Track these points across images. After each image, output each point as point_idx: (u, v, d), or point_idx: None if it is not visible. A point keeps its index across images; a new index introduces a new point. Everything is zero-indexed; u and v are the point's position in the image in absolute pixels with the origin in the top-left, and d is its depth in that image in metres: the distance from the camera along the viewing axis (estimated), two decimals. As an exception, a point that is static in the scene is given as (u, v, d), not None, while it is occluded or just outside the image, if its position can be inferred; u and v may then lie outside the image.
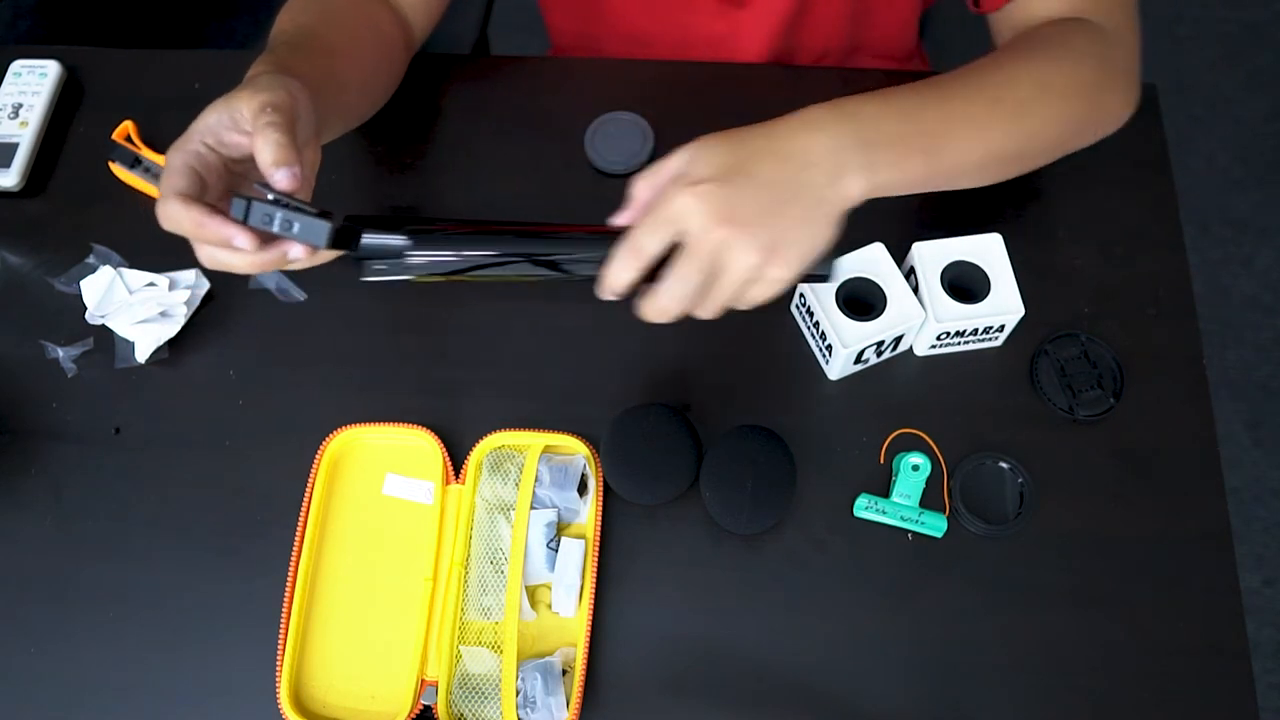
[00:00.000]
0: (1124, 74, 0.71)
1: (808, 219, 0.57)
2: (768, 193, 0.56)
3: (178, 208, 0.55)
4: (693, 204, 0.54)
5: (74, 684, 0.67)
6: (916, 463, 0.69)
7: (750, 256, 0.55)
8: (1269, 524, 1.51)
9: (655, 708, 0.65)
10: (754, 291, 0.57)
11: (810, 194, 0.57)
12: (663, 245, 0.56)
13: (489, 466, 0.70)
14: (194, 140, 0.57)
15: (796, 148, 0.58)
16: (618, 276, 0.57)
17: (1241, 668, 0.64)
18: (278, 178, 0.54)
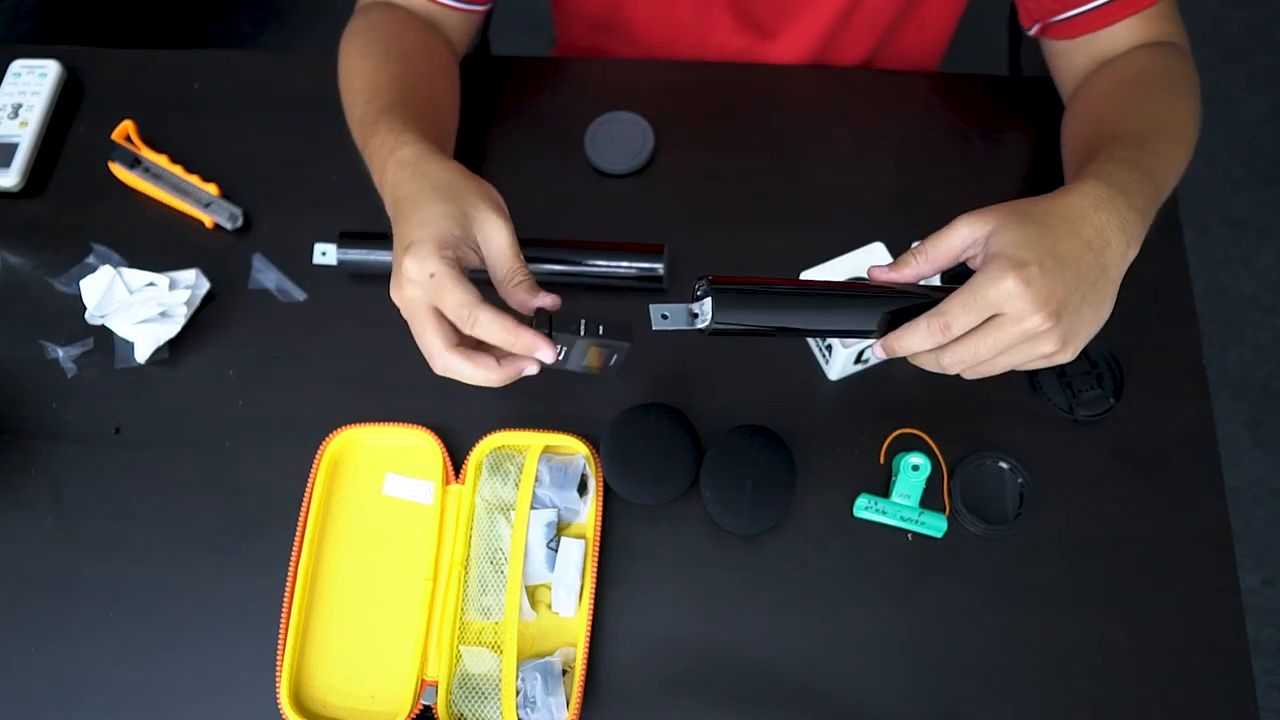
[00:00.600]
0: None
1: (1101, 305, 0.58)
2: (1078, 281, 0.56)
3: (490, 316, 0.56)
4: (1019, 288, 0.54)
5: (74, 684, 0.67)
6: (916, 463, 0.69)
7: (1050, 345, 0.56)
8: (1269, 524, 1.51)
9: (655, 708, 0.65)
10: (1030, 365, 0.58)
11: (1108, 276, 0.58)
12: (973, 324, 0.55)
13: (489, 466, 0.70)
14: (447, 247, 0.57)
15: (1093, 230, 0.57)
16: (915, 344, 0.56)
17: (1241, 668, 0.64)
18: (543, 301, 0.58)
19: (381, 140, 0.65)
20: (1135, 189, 0.60)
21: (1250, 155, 1.77)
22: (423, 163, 0.62)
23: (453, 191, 0.59)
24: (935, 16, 0.91)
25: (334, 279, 0.79)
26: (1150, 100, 0.70)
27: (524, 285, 0.58)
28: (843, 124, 0.84)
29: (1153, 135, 0.66)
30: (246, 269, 0.79)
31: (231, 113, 0.87)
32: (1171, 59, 0.74)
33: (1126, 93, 0.72)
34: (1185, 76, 0.73)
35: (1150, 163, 0.63)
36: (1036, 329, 0.55)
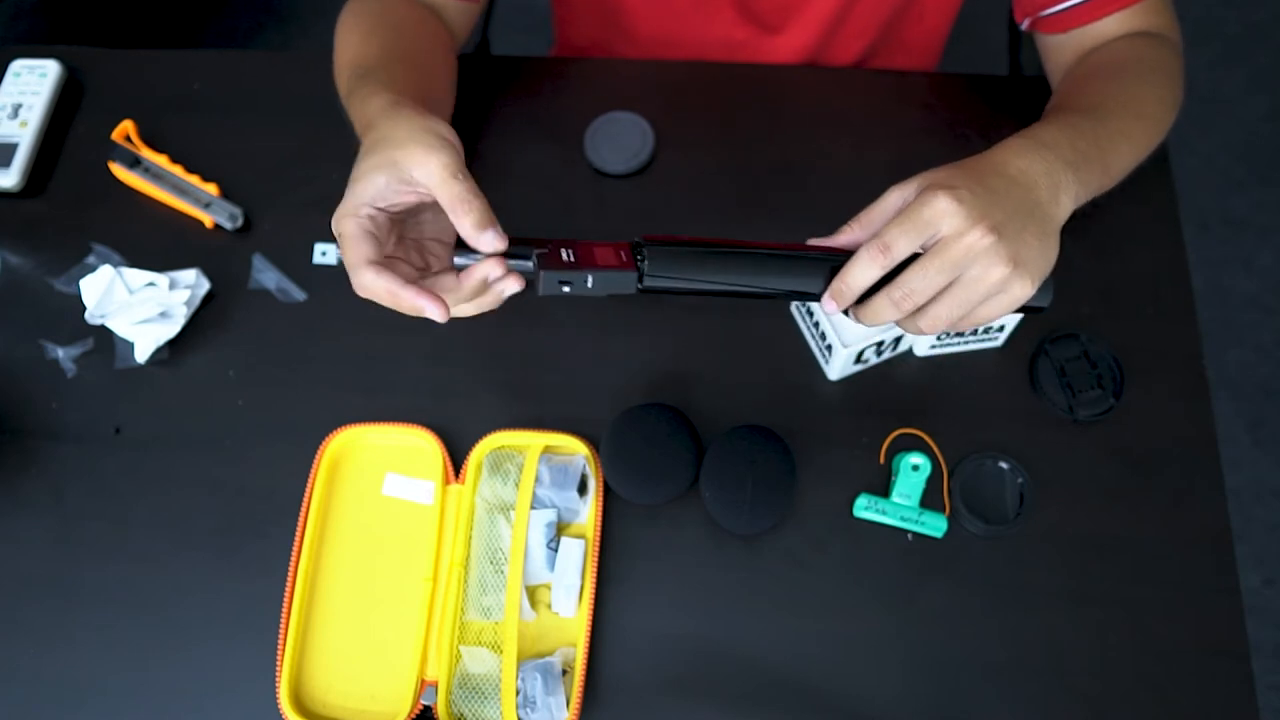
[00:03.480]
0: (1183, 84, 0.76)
1: (1044, 235, 0.58)
2: (1011, 205, 0.56)
3: (371, 276, 0.55)
4: (953, 205, 0.54)
5: (74, 684, 0.67)
6: (916, 463, 0.69)
7: (1001, 267, 0.55)
8: (1269, 524, 1.51)
9: (655, 708, 0.65)
10: (989, 307, 0.56)
11: (1042, 211, 0.58)
12: (914, 247, 0.55)
13: (489, 466, 0.70)
14: (363, 206, 0.56)
15: (1018, 170, 0.58)
16: (862, 277, 0.56)
17: (1241, 668, 0.64)
18: (483, 241, 0.55)
19: (358, 102, 0.65)
20: (1064, 144, 0.61)
21: (1250, 155, 1.77)
22: (382, 112, 0.60)
23: (393, 138, 0.56)
24: (934, 9, 0.91)
25: (334, 279, 0.79)
26: (1111, 81, 0.71)
27: (471, 216, 0.54)
28: (843, 124, 0.84)
29: (1100, 106, 0.67)
30: (246, 269, 0.79)
31: (231, 113, 0.87)
32: (1150, 47, 0.74)
33: (1090, 75, 0.73)
34: (1158, 62, 0.73)
35: (1091, 127, 0.64)
36: (979, 244, 0.54)
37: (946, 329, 0.57)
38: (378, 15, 0.75)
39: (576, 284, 0.55)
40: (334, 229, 0.57)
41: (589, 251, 0.56)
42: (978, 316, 0.57)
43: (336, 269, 0.78)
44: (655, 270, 0.55)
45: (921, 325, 0.57)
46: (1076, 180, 0.60)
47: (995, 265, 0.54)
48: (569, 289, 0.55)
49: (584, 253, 0.56)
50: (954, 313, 0.56)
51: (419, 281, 0.57)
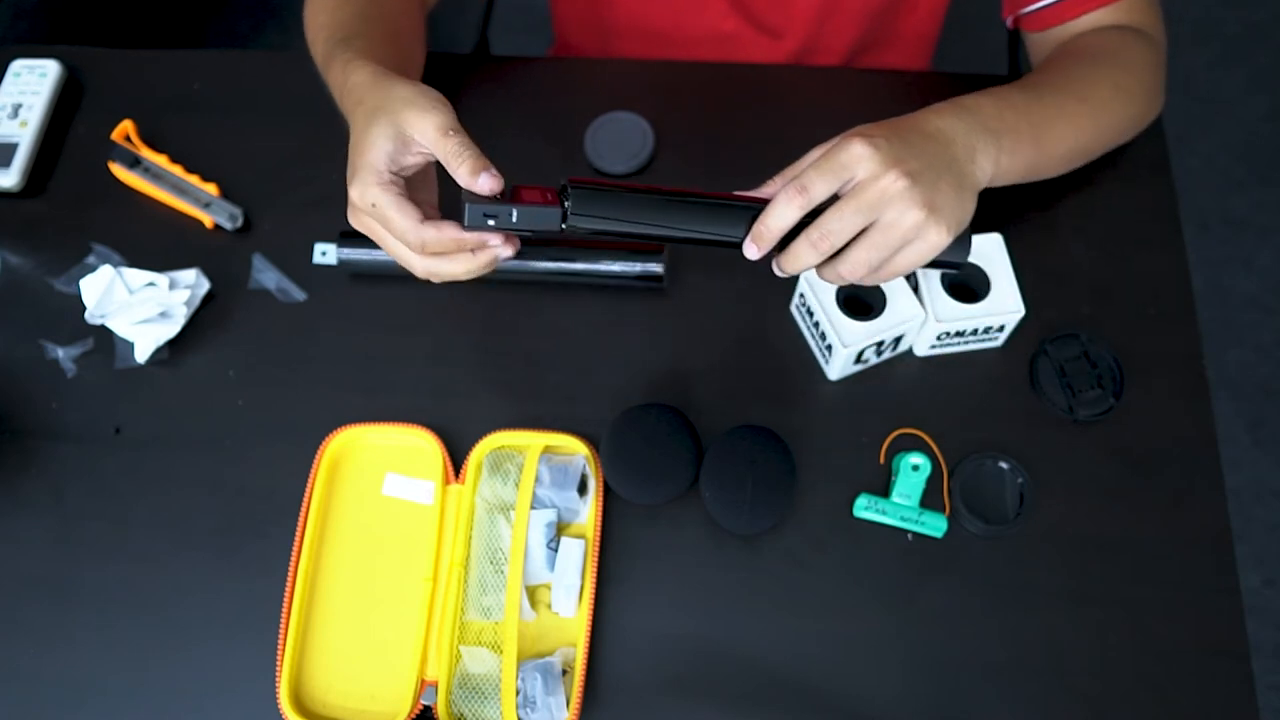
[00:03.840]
0: (1162, 81, 0.77)
1: (959, 186, 0.59)
2: (926, 156, 0.58)
3: (433, 233, 0.58)
4: (868, 150, 0.56)
5: (74, 684, 0.67)
6: (916, 463, 0.69)
7: (916, 211, 0.56)
8: (1269, 524, 1.51)
9: (655, 708, 0.65)
10: (907, 254, 0.58)
11: (957, 165, 0.60)
12: (830, 189, 0.57)
13: (489, 466, 0.70)
14: (384, 173, 0.58)
15: (935, 129, 0.60)
16: (780, 219, 0.57)
17: (1241, 668, 0.64)
18: (483, 182, 0.56)
19: (338, 70, 0.66)
20: (989, 111, 0.63)
21: (1250, 155, 1.77)
22: (369, 86, 0.61)
23: (387, 108, 0.58)
24: None
25: (334, 279, 0.79)
26: (1062, 64, 0.72)
27: (464, 165, 0.56)
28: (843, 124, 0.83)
29: (1042, 85, 0.69)
30: (246, 269, 0.79)
31: (231, 113, 0.87)
32: (1119, 39, 0.74)
33: (1050, 61, 0.75)
34: (1122, 51, 0.73)
35: (1025, 101, 0.66)
36: (893, 187, 0.55)
37: (865, 277, 0.58)
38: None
39: (501, 217, 0.56)
40: (361, 204, 0.59)
41: (518, 191, 0.58)
42: (896, 264, 0.58)
43: (336, 269, 0.78)
44: (579, 209, 0.57)
45: (841, 271, 0.58)
46: (997, 147, 0.62)
47: (911, 209, 0.56)
48: (494, 222, 0.57)
49: (514, 192, 0.58)
50: (872, 256, 0.57)
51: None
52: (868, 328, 0.69)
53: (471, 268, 0.59)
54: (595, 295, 0.77)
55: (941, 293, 0.71)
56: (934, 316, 0.70)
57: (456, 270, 0.60)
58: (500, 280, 0.78)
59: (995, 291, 0.71)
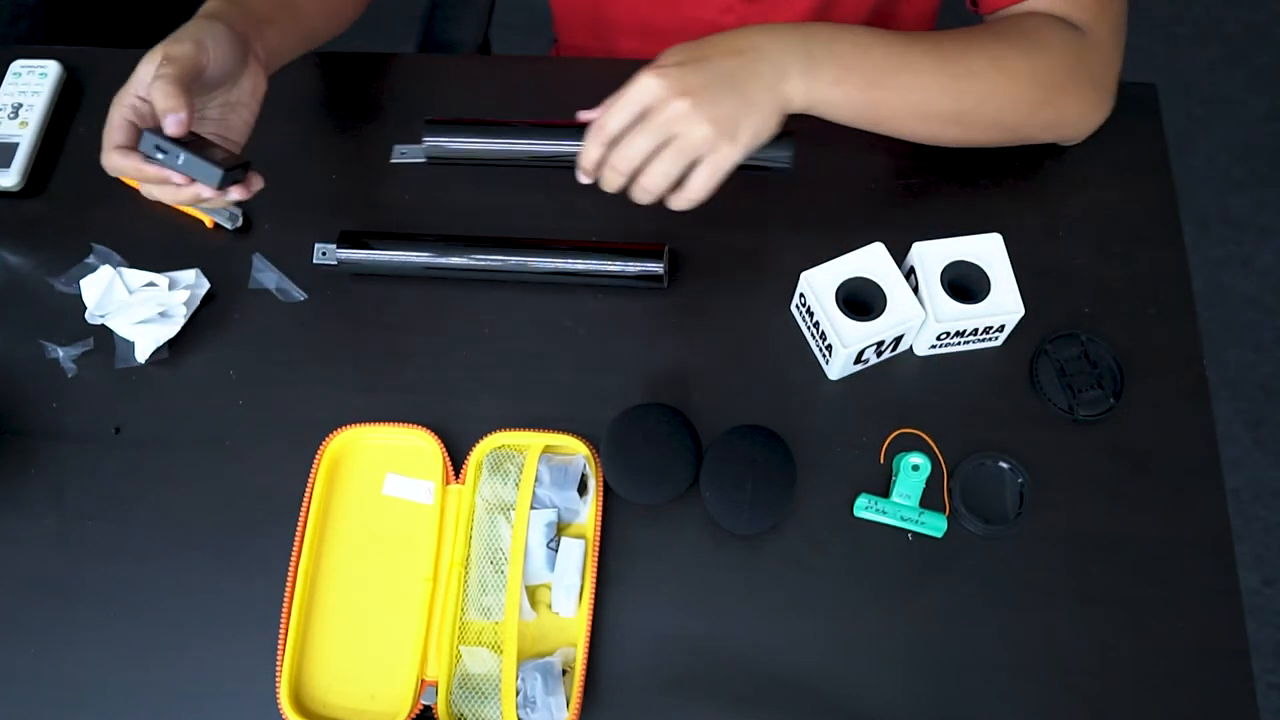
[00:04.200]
0: (1092, 83, 0.73)
1: (754, 102, 0.63)
2: (720, 75, 0.63)
3: (118, 158, 0.64)
4: (653, 81, 0.63)
5: (74, 684, 0.67)
6: (916, 463, 0.69)
7: (702, 126, 0.62)
8: (1269, 524, 1.51)
9: (655, 708, 0.65)
10: (705, 169, 0.63)
11: (757, 81, 0.64)
12: (623, 122, 0.64)
13: (489, 466, 0.70)
14: (129, 95, 0.65)
15: (749, 44, 0.65)
16: (588, 156, 0.66)
17: (1241, 668, 0.64)
18: (167, 123, 0.62)
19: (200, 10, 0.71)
20: (821, 38, 0.66)
21: (1250, 155, 1.77)
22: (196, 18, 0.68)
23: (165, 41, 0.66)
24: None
25: (334, 279, 0.79)
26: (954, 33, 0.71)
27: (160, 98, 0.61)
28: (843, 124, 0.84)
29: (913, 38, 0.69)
30: (246, 269, 0.79)
31: (231, 113, 0.87)
32: (1037, 25, 0.72)
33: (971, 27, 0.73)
34: (1023, 34, 0.71)
35: (872, 43, 0.67)
36: (677, 108, 0.62)
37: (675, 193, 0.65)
38: None
39: (169, 156, 0.63)
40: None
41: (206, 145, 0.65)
42: (698, 178, 0.64)
43: (337, 269, 0.78)
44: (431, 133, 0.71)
45: (644, 183, 0.65)
46: (814, 74, 0.65)
47: (696, 125, 0.62)
48: (162, 157, 0.63)
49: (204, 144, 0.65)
50: (668, 169, 0.63)
51: None
52: (868, 328, 0.69)
53: (174, 198, 0.66)
54: (595, 295, 0.77)
55: (941, 293, 0.71)
56: (934, 316, 0.70)
57: (159, 194, 0.66)
58: (501, 280, 0.78)
59: (995, 291, 0.71)
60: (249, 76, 0.70)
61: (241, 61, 0.68)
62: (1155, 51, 1.82)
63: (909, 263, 0.73)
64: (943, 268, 0.72)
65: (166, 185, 0.65)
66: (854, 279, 0.71)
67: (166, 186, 0.65)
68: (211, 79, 0.66)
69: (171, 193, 0.65)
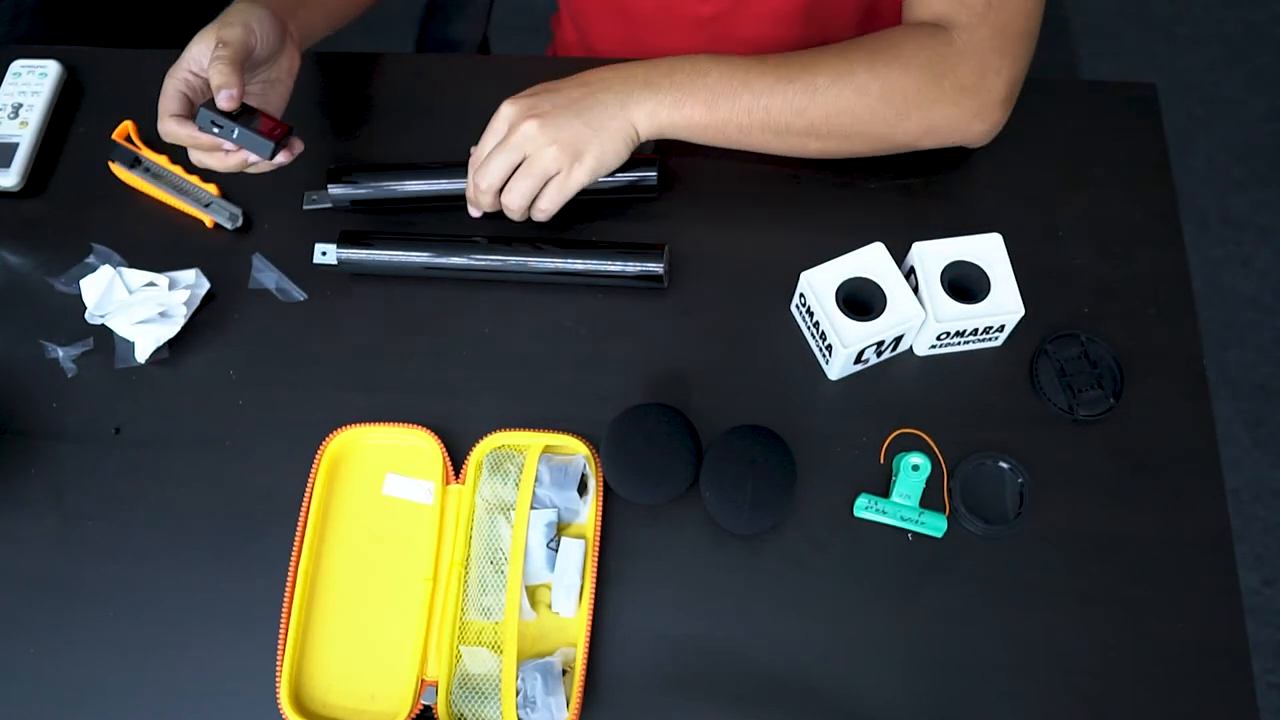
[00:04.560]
0: (962, 90, 0.71)
1: (598, 128, 0.71)
2: (568, 102, 0.71)
3: (174, 125, 0.70)
4: (508, 107, 0.72)
5: (74, 684, 0.67)
6: (916, 463, 0.69)
7: (550, 148, 0.70)
8: (1269, 524, 1.51)
9: (655, 708, 0.65)
10: (557, 185, 0.71)
11: (601, 109, 0.71)
12: (489, 148, 0.72)
13: (489, 466, 0.70)
14: (182, 69, 0.71)
15: (595, 77, 0.73)
16: (469, 183, 0.75)
17: (1241, 668, 0.64)
18: (221, 98, 0.68)
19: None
20: (660, 69, 0.72)
21: (1250, 155, 1.77)
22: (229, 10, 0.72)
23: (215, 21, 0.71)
24: None
25: (334, 279, 0.79)
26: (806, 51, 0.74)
27: (215, 75, 0.68)
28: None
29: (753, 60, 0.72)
30: (246, 269, 0.79)
31: (231, 113, 0.87)
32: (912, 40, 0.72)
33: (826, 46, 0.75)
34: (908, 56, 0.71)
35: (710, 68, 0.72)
36: (526, 130, 0.70)
37: (530, 208, 0.73)
38: None
39: (224, 130, 0.69)
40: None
41: (255, 115, 0.71)
42: (550, 193, 0.72)
43: (337, 268, 0.78)
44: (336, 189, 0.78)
45: (506, 201, 0.73)
46: (652, 98, 0.71)
47: (545, 146, 0.70)
48: (217, 131, 0.69)
49: (251, 112, 0.71)
50: (524, 185, 0.71)
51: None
52: (868, 328, 0.69)
53: (221, 164, 0.72)
54: (595, 295, 0.77)
55: (941, 293, 0.71)
56: (934, 316, 0.70)
57: (209, 161, 0.72)
58: (500, 280, 0.78)
59: (995, 291, 0.71)
60: (286, 55, 0.75)
61: (281, 42, 0.74)
62: (1155, 51, 1.82)
63: (909, 263, 0.73)
64: (943, 268, 0.72)
65: (216, 152, 0.71)
66: (854, 279, 0.71)
67: (216, 154, 0.71)
68: (257, 59, 0.72)
69: (220, 159, 0.72)
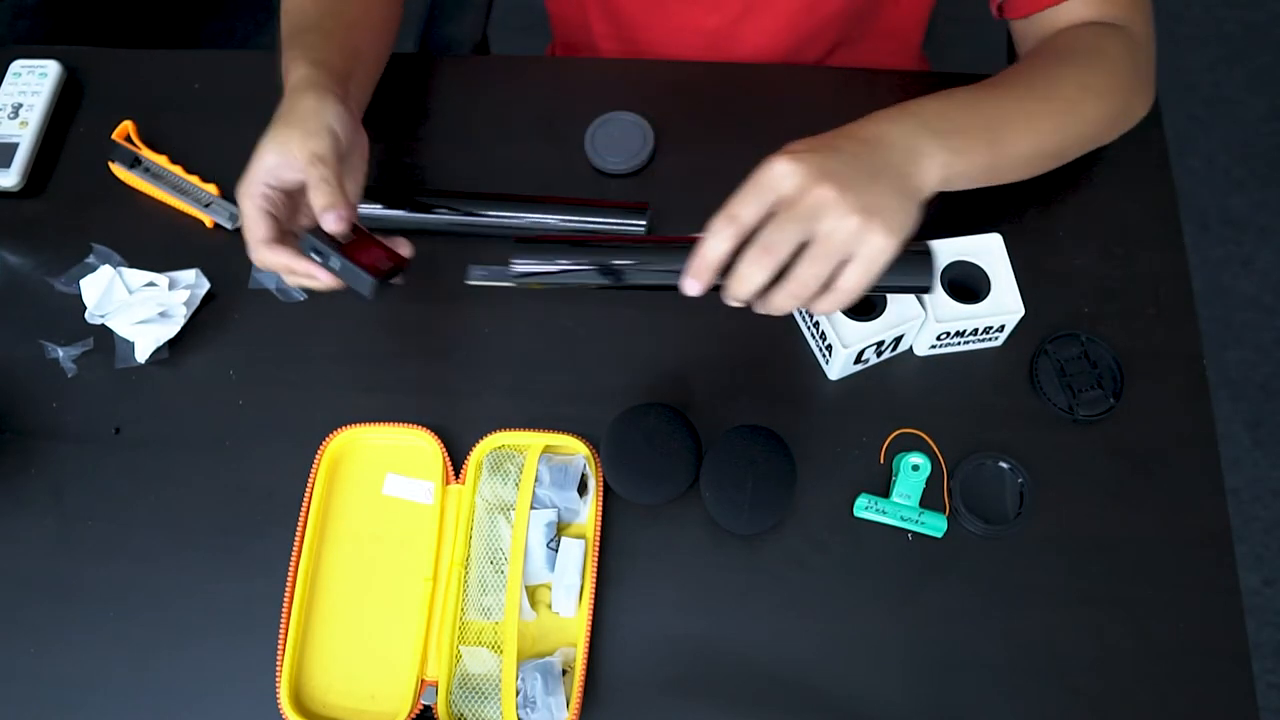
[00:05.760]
0: (1147, 77, 0.75)
1: (898, 190, 0.57)
2: (857, 162, 0.57)
3: (268, 253, 0.64)
4: (790, 166, 0.55)
5: (74, 684, 0.67)
6: (916, 463, 0.69)
7: (852, 216, 0.54)
8: (1269, 524, 1.51)
9: (655, 708, 0.65)
10: (855, 268, 0.55)
11: (894, 170, 0.58)
12: (759, 212, 0.55)
13: (489, 466, 0.70)
14: (258, 184, 0.63)
15: (872, 134, 0.59)
16: (714, 250, 0.56)
17: (1241, 668, 0.64)
18: (328, 220, 0.62)
19: (285, 65, 0.70)
20: (933, 113, 0.62)
21: (1250, 155, 1.77)
22: (290, 92, 0.66)
23: (287, 121, 0.64)
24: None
25: (334, 279, 0.79)
26: (1030, 63, 0.71)
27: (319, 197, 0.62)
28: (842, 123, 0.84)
29: (1001, 85, 0.67)
30: (246, 269, 0.79)
31: (231, 113, 0.87)
32: (1096, 35, 0.72)
33: (1036, 56, 0.73)
34: (1094, 50, 0.71)
35: (975, 101, 0.65)
36: (823, 196, 0.54)
37: (819, 298, 0.56)
38: None
39: (327, 259, 0.63)
40: (238, 202, 0.65)
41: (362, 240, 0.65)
42: (847, 279, 0.55)
43: (336, 269, 0.78)
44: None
45: (792, 289, 0.55)
46: (944, 148, 0.60)
47: (846, 215, 0.54)
48: (319, 259, 0.63)
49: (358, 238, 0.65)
50: (818, 270, 0.55)
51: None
52: (868, 328, 0.69)
53: (301, 284, 0.66)
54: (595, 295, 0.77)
55: (941, 293, 0.71)
56: (934, 317, 0.70)
57: (306, 284, 0.66)
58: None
59: (995, 291, 0.71)
60: (360, 138, 0.69)
61: (356, 129, 0.67)
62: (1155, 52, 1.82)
63: (909, 263, 0.73)
64: (943, 268, 0.72)
65: (313, 279, 0.65)
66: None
67: (312, 280, 0.65)
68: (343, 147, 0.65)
69: (313, 284, 0.65)
